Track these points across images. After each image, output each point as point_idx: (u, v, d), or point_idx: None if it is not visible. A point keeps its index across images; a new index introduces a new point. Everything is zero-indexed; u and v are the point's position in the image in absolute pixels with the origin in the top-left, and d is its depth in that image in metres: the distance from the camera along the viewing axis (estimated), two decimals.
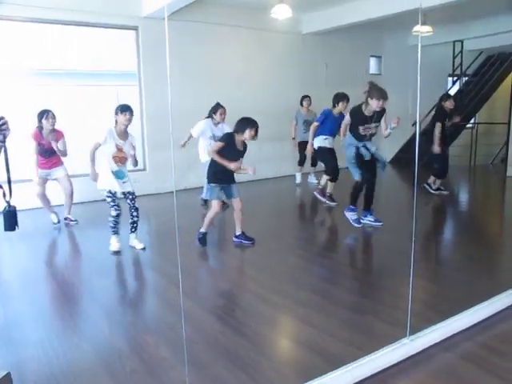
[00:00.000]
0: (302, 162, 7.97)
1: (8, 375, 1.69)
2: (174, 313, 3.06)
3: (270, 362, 2.48)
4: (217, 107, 5.85)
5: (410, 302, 2.54)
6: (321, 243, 4.85)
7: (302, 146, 7.52)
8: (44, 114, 5.12)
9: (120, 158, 4.28)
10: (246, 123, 4.26)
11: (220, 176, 4.37)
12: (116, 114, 4.22)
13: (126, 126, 4.27)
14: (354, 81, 8.78)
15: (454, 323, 2.69)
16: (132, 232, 4.52)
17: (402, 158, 10.40)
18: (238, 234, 4.60)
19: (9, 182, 2.53)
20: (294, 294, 3.37)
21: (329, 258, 4.40)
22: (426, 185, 6.71)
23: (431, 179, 6.72)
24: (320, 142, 6.05)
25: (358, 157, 4.88)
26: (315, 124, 6.03)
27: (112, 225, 4.38)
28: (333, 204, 6.13)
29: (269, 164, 8.58)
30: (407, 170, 9.32)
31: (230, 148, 4.28)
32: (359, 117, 4.79)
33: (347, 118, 5.09)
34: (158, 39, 6.96)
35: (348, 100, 5.90)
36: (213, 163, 4.39)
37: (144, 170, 7.45)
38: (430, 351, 2.51)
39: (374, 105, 4.62)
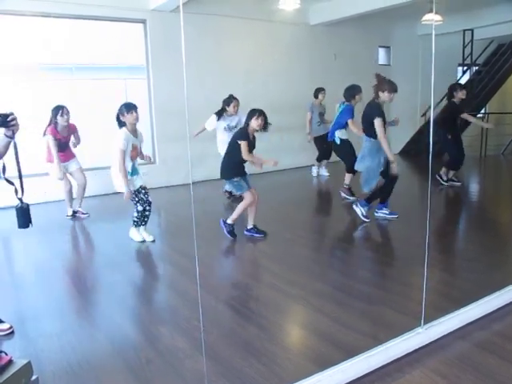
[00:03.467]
0: (321, 158, 7.68)
1: (29, 364, 1.72)
2: (188, 304, 3.08)
3: (285, 352, 2.49)
4: (230, 99, 5.91)
5: (424, 291, 2.53)
6: (335, 235, 4.85)
7: (319, 140, 7.36)
8: (59, 110, 5.19)
9: (135, 155, 4.30)
10: (252, 113, 4.28)
11: (241, 168, 4.44)
12: (122, 114, 4.14)
13: (135, 124, 4.25)
14: (362, 71, 8.67)
15: (469, 312, 2.69)
16: (143, 225, 4.54)
17: (412, 150, 10.33)
18: (249, 227, 4.60)
19: (20, 177, 2.55)
20: (309, 284, 3.38)
21: (342, 250, 4.40)
22: (437, 176, 6.66)
23: (443, 170, 6.67)
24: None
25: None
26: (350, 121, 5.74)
27: (136, 219, 4.43)
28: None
29: (280, 155, 8.52)
30: (417, 161, 9.27)
31: (249, 142, 4.31)
32: (382, 114, 4.60)
33: (380, 122, 4.56)
34: (166, 32, 6.96)
35: (361, 91, 5.74)
36: (231, 158, 4.40)
37: (154, 163, 7.46)
38: (445, 340, 2.51)
39: (386, 98, 4.57)
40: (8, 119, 2.39)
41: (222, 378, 2.23)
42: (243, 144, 4.25)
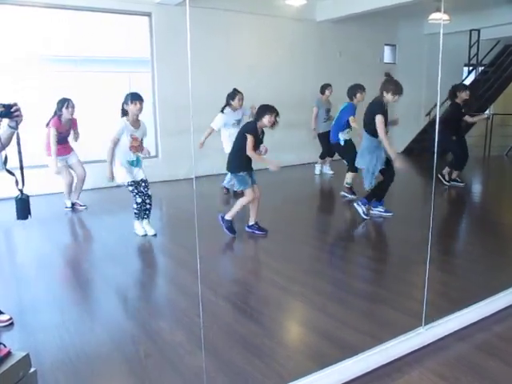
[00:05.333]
0: (324, 156, 7.56)
1: (27, 356, 1.71)
2: (188, 299, 3.08)
3: (284, 349, 2.48)
4: (234, 94, 5.86)
5: (425, 291, 2.52)
6: (336, 233, 4.84)
7: (324, 137, 7.19)
8: (65, 102, 5.22)
9: (136, 147, 4.32)
10: (265, 109, 4.20)
11: (247, 163, 4.32)
12: (126, 103, 4.18)
13: (138, 116, 4.26)
14: (367, 69, 8.68)
15: (470, 313, 2.68)
16: (145, 218, 4.54)
17: (415, 149, 10.29)
18: (251, 224, 4.56)
19: (21, 168, 2.54)
20: (310, 282, 3.37)
21: (344, 248, 4.39)
22: (439, 175, 6.62)
23: (445, 170, 6.63)
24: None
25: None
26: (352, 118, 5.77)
27: (137, 211, 4.43)
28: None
29: (283, 152, 8.53)
30: (420, 160, 9.24)
31: (256, 137, 4.24)
32: (384, 112, 4.63)
33: (380, 119, 4.59)
34: (171, 25, 6.94)
35: (364, 90, 5.74)
36: (238, 152, 4.29)
37: (156, 156, 7.46)
38: (445, 341, 2.49)
39: (390, 99, 4.59)
40: (11, 110, 2.39)
41: (221, 373, 2.22)
42: (250, 138, 4.18)
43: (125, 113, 4.23)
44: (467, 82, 10.87)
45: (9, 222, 5.03)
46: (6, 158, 2.51)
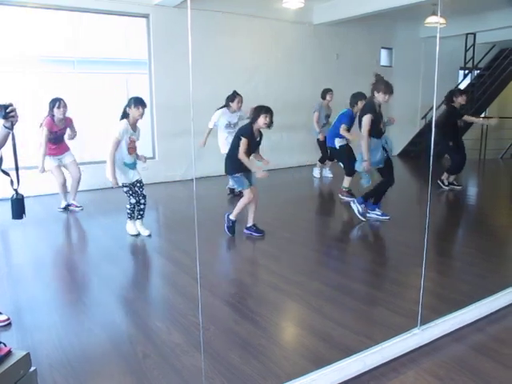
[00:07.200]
0: (324, 160, 7.55)
1: (27, 355, 1.72)
2: (186, 300, 3.09)
3: (282, 350, 2.50)
4: (234, 96, 5.88)
5: (421, 292, 2.54)
6: (333, 235, 4.86)
7: (323, 142, 7.19)
8: (56, 102, 5.19)
9: (133, 149, 4.38)
10: (260, 110, 4.22)
11: (243, 164, 4.33)
12: (129, 106, 4.23)
13: (138, 120, 4.32)
14: (364, 72, 8.70)
15: (465, 314, 2.70)
16: (139, 218, 4.58)
17: (411, 151, 10.36)
18: (248, 225, 4.59)
19: (16, 169, 2.55)
20: (307, 284, 3.39)
21: (341, 250, 4.41)
22: (439, 181, 6.65)
23: (444, 175, 6.66)
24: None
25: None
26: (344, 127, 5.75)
27: (130, 211, 4.50)
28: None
29: (282, 154, 8.57)
30: (416, 162, 9.29)
31: (251, 140, 4.27)
32: (373, 111, 4.66)
33: (367, 118, 4.63)
34: (169, 27, 6.96)
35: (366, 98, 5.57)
36: (234, 154, 4.31)
37: (153, 158, 7.47)
38: (441, 342, 2.52)
39: (381, 98, 4.60)
40: (7, 110, 2.39)
41: (219, 374, 2.24)
42: (243, 141, 4.22)
43: (125, 115, 4.26)
44: (463, 85, 10.96)
45: (4, 222, 5.04)
46: (1, 158, 2.52)
